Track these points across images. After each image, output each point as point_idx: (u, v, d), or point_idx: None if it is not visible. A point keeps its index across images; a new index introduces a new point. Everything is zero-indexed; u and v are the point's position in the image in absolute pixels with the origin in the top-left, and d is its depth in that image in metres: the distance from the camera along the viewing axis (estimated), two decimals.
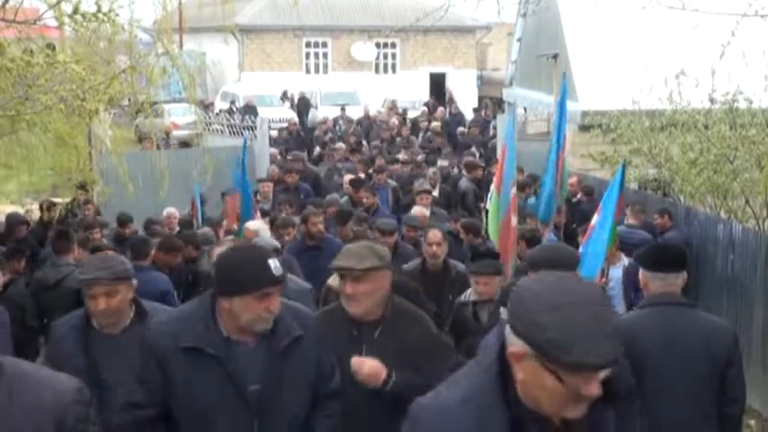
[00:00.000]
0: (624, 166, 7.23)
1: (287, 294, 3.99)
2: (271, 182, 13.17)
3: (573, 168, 12.70)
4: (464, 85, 37.18)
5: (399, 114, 27.86)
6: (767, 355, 7.97)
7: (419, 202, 10.70)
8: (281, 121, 25.68)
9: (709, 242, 9.47)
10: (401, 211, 11.20)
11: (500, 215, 7.69)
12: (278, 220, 9.40)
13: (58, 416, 2.36)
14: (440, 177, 13.59)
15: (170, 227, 10.71)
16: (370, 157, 16.67)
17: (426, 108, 28.96)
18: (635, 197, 10.86)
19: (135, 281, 4.15)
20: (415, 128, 24.63)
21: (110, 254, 4.84)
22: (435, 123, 24.13)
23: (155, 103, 10.82)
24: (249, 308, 3.20)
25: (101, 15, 7.26)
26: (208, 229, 9.72)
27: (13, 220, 10.41)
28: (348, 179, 12.50)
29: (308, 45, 37.88)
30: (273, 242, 6.70)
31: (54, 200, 12.07)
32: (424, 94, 34.70)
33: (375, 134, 23.11)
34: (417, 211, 9.94)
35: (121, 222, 10.55)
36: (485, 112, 29.72)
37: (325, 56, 38.15)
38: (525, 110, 20.80)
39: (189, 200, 11.85)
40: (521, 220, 8.48)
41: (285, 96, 32.21)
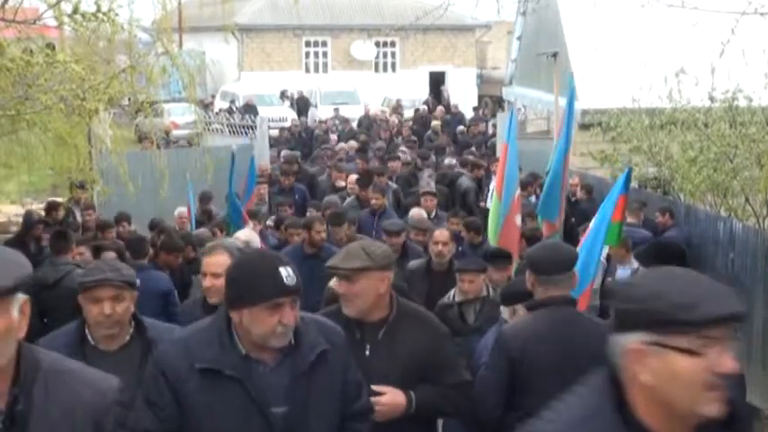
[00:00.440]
0: (630, 170, 7.23)
1: None
2: (266, 183, 13.03)
3: (573, 167, 12.67)
4: (464, 83, 37.19)
5: (399, 113, 27.85)
6: (767, 353, 7.98)
7: (423, 203, 10.51)
8: (280, 120, 25.68)
9: (709, 240, 9.47)
10: (402, 212, 10.98)
11: (501, 215, 7.64)
12: (286, 220, 9.31)
13: (97, 416, 2.24)
14: (435, 178, 13.50)
15: (181, 227, 10.64)
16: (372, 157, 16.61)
17: (426, 106, 28.94)
18: (634, 196, 10.85)
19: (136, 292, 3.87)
20: (425, 123, 24.51)
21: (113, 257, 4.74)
22: (435, 122, 24.15)
23: (154, 102, 10.82)
24: (261, 321, 2.91)
25: (100, 15, 7.26)
26: (204, 230, 9.66)
27: (31, 220, 10.45)
28: (355, 178, 12.25)
29: (307, 44, 37.89)
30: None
31: (57, 200, 12.07)
32: (424, 93, 34.70)
33: (375, 133, 23.10)
34: (415, 212, 9.75)
35: (118, 221, 10.49)
36: (482, 111, 29.74)
37: (325, 55, 38.15)
38: (524, 108, 20.80)
39: (190, 199, 11.84)
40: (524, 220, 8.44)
41: (284, 96, 32.20)
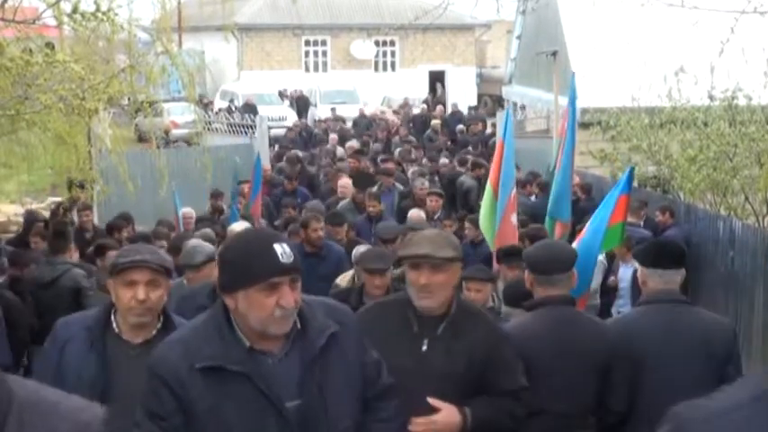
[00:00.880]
0: (632, 169, 7.22)
1: None
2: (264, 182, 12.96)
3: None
4: (463, 82, 37.19)
5: (406, 112, 27.78)
6: (767, 353, 7.98)
7: (429, 203, 10.45)
8: (280, 120, 25.66)
9: (708, 239, 9.47)
10: (403, 213, 10.95)
11: (497, 213, 7.63)
12: (297, 221, 9.03)
13: None
14: (427, 177, 13.43)
15: (187, 227, 10.63)
16: (373, 158, 16.54)
17: (426, 105, 28.92)
18: (634, 195, 10.85)
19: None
20: (424, 122, 24.48)
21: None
22: (435, 121, 24.15)
23: (154, 101, 10.81)
24: (257, 304, 2.65)
25: (100, 14, 7.24)
26: (208, 230, 9.64)
27: (32, 218, 10.44)
28: (346, 181, 11.86)
29: (307, 43, 37.89)
30: None
31: (59, 200, 12.09)
32: (424, 92, 34.71)
33: (373, 133, 23.09)
34: (414, 213, 9.66)
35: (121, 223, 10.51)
36: (480, 109, 29.74)
37: (325, 54, 38.16)
38: (524, 107, 20.81)
39: (189, 199, 11.84)
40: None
41: (283, 95, 32.19)
